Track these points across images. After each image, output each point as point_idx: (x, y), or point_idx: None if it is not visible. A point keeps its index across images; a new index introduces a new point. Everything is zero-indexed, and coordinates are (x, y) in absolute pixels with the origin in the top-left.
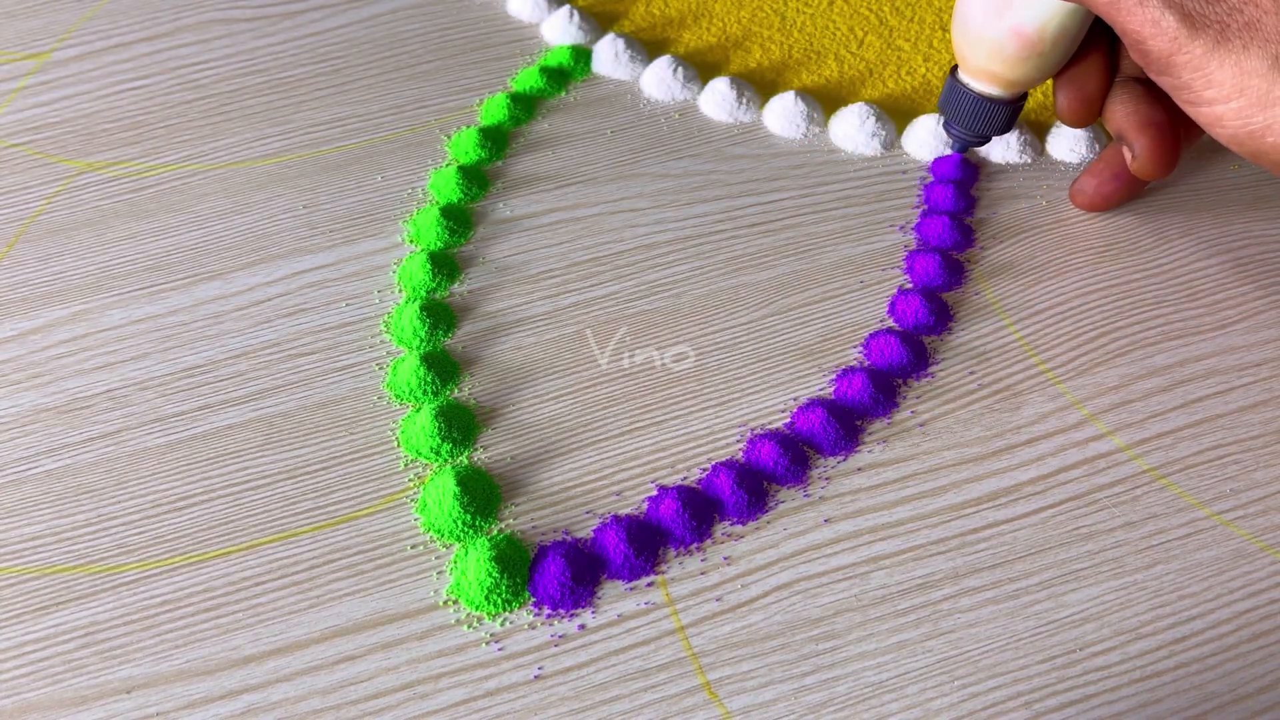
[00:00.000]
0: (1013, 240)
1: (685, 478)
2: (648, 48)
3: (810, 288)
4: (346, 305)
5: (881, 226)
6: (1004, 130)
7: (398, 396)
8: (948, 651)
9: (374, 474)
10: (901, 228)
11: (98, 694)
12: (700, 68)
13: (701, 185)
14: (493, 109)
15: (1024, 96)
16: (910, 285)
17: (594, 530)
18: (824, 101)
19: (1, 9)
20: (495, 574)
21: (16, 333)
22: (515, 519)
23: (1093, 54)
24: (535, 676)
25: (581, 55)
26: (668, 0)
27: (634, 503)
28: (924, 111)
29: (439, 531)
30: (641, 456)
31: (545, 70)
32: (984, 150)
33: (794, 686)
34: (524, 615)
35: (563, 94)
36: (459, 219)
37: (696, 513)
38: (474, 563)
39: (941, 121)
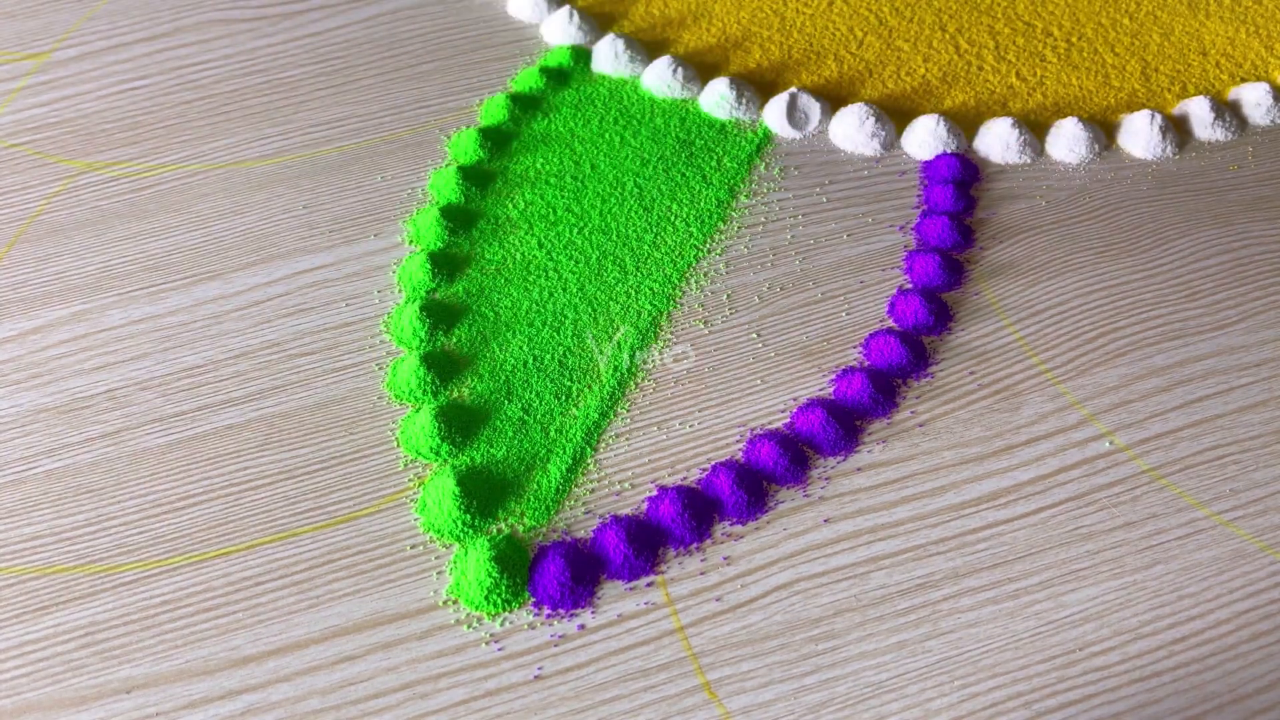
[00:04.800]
0: (1013, 240)
1: (685, 478)
2: (648, 48)
3: (810, 288)
4: (346, 305)
5: (881, 226)
6: None
7: (398, 396)
8: (948, 651)
9: (374, 474)
10: (901, 228)
11: (98, 694)
12: (700, 68)
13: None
14: (493, 109)
15: None
16: (910, 285)
17: (594, 530)
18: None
19: (1, 9)
20: (495, 574)
21: (16, 333)
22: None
23: None
24: (535, 676)
25: (581, 55)
26: (667, 0)
27: (634, 503)
28: (924, 111)
29: (439, 531)
30: (641, 456)
31: (545, 70)
32: (984, 151)
33: (794, 686)
34: (524, 615)
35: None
36: (459, 219)
37: (696, 513)
38: (474, 563)
39: None
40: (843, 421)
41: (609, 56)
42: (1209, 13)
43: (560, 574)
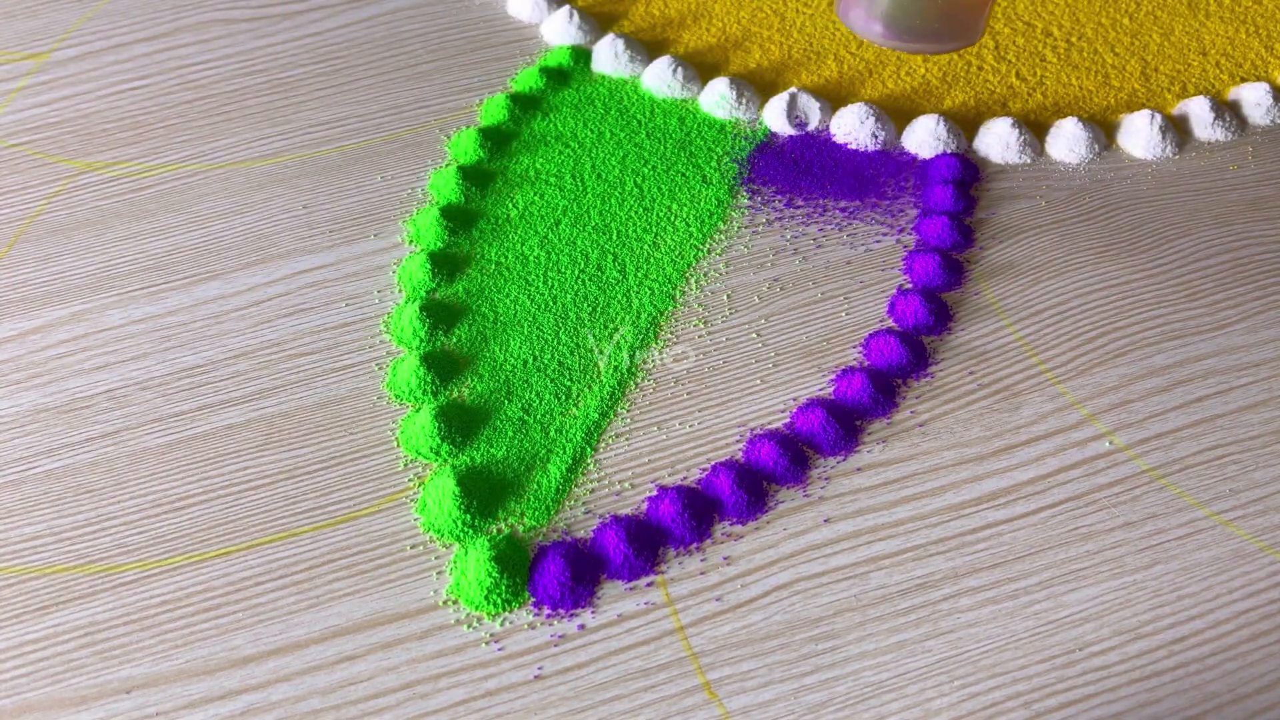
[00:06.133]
0: (1013, 240)
1: (685, 478)
2: (648, 48)
3: (810, 288)
4: (346, 305)
5: (881, 227)
6: None
7: (398, 396)
8: (947, 651)
9: (374, 474)
10: (901, 228)
11: (98, 694)
12: (700, 68)
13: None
14: (493, 109)
15: None
16: (910, 285)
17: (594, 530)
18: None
19: (1, 9)
20: (495, 574)
21: (16, 333)
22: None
23: None
24: (535, 676)
25: (581, 55)
26: (668, 0)
27: (634, 503)
28: (924, 111)
29: (439, 531)
30: (641, 456)
31: (545, 70)
32: (984, 151)
33: (794, 686)
34: (524, 615)
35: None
36: (459, 219)
37: (696, 513)
38: (474, 563)
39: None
40: (843, 421)
41: (609, 56)
42: (1209, 13)
43: (560, 574)
